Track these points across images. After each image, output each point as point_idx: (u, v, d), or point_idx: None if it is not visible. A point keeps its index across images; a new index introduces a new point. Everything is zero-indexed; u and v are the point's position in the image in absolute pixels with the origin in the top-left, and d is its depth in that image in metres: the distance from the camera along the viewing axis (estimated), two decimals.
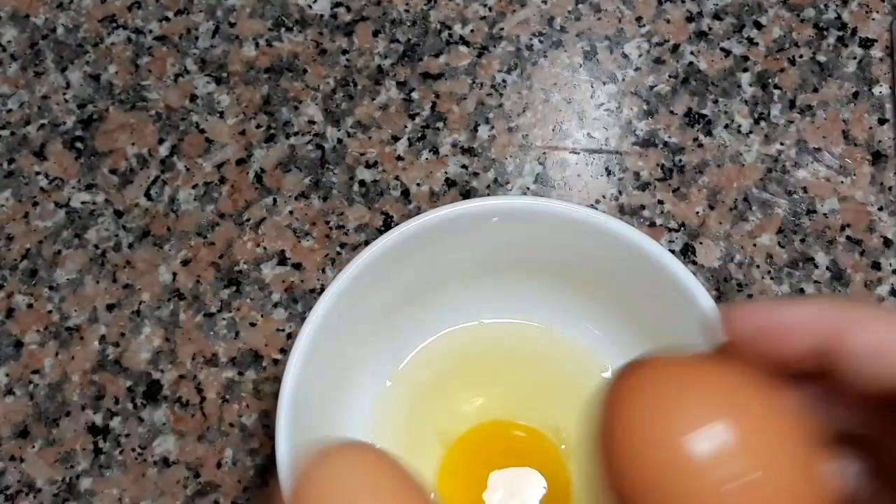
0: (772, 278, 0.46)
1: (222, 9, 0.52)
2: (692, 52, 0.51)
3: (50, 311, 0.46)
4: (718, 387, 0.16)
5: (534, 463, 0.40)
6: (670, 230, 0.47)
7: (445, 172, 0.48)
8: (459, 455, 0.40)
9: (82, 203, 0.48)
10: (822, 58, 0.51)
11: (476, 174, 0.48)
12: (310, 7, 0.52)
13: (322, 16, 0.52)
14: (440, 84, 0.50)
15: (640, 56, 0.51)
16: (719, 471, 0.15)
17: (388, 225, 0.47)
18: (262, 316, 0.46)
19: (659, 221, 0.47)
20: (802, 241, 0.47)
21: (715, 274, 0.46)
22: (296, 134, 0.49)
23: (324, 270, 0.47)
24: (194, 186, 0.48)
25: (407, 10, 0.52)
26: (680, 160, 0.49)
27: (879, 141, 0.49)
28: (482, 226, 0.38)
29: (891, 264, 0.46)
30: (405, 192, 0.48)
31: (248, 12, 0.52)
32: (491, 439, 0.41)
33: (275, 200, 0.48)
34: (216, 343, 0.45)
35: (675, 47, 0.51)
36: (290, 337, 0.45)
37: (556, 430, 0.40)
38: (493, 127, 0.49)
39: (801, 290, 0.46)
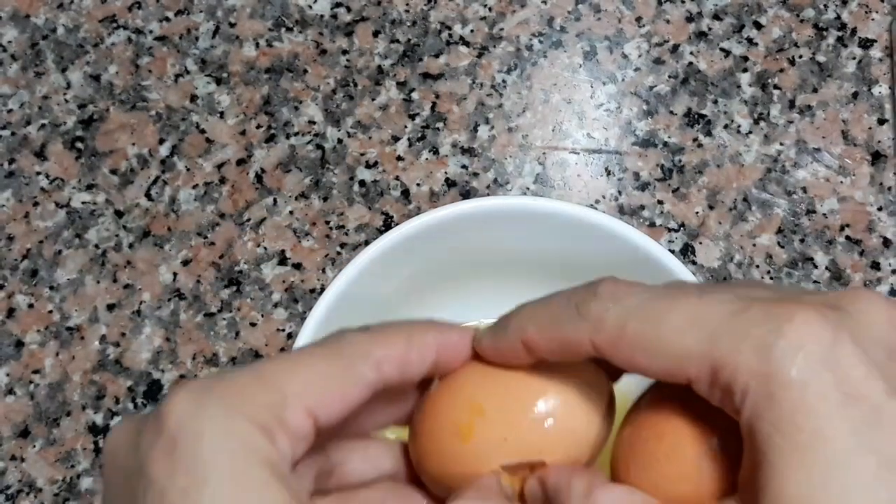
0: (771, 278, 0.46)
1: (222, 9, 0.52)
2: (692, 53, 0.51)
3: (50, 311, 0.46)
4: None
5: None
6: (670, 230, 0.47)
7: (445, 172, 0.49)
8: None
9: (83, 203, 0.48)
10: (821, 58, 0.51)
11: (476, 174, 0.49)
12: (310, 7, 0.52)
13: (322, 16, 0.52)
14: (440, 84, 0.51)
15: (639, 56, 0.51)
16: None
17: (388, 225, 0.47)
18: (262, 316, 0.46)
19: (659, 221, 0.47)
20: (802, 241, 0.47)
21: (715, 274, 0.46)
22: (296, 134, 0.49)
23: (324, 270, 0.47)
24: (194, 186, 0.48)
25: (407, 10, 0.52)
26: (680, 160, 0.49)
27: (879, 141, 0.49)
28: (482, 226, 0.38)
29: (890, 264, 0.46)
30: (405, 192, 0.48)
31: (248, 12, 0.52)
32: None
33: (275, 200, 0.48)
34: (216, 343, 0.45)
35: (675, 47, 0.51)
36: (290, 337, 0.45)
37: None
38: (493, 127, 0.50)
39: None
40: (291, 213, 0.48)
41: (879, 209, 0.47)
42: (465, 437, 0.24)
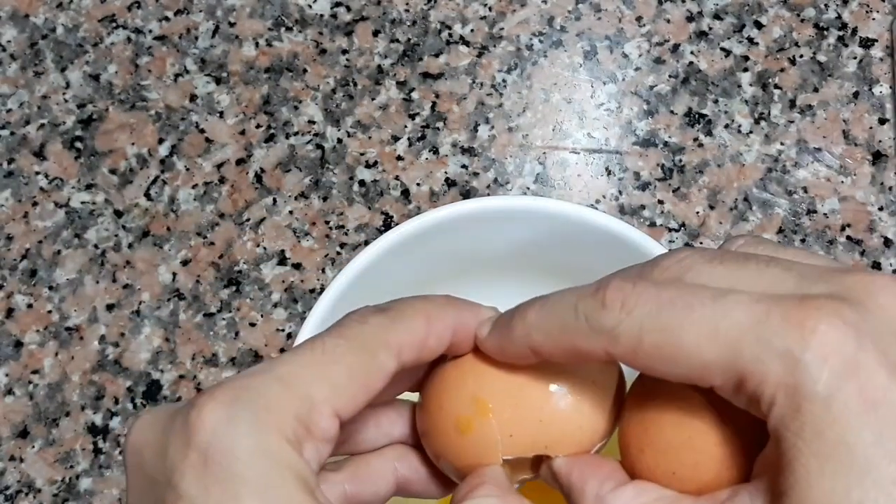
0: None
1: (222, 8, 0.52)
2: (692, 52, 0.51)
3: (50, 311, 0.46)
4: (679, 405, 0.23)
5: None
6: (670, 230, 0.47)
7: (445, 172, 0.48)
8: None
9: (82, 203, 0.48)
10: (822, 58, 0.51)
11: (476, 174, 0.48)
12: (310, 7, 0.52)
13: (322, 16, 0.52)
14: (440, 84, 0.50)
15: (640, 56, 0.51)
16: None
17: (388, 225, 0.47)
18: (261, 316, 0.46)
19: (659, 221, 0.47)
20: (803, 240, 0.47)
21: None
22: (296, 134, 0.49)
23: (324, 270, 0.47)
24: (194, 186, 0.48)
25: (407, 10, 0.52)
26: (680, 160, 0.49)
27: (880, 141, 0.49)
28: (482, 226, 0.38)
29: (891, 264, 0.46)
30: (405, 192, 0.48)
31: (248, 12, 0.52)
32: None
33: (275, 200, 0.48)
34: (216, 343, 0.45)
35: (676, 47, 0.51)
36: (290, 337, 0.45)
37: None
38: (493, 127, 0.49)
39: None
40: (291, 212, 0.48)
41: (880, 209, 0.47)
42: (464, 432, 0.24)
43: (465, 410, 0.24)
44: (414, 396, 0.26)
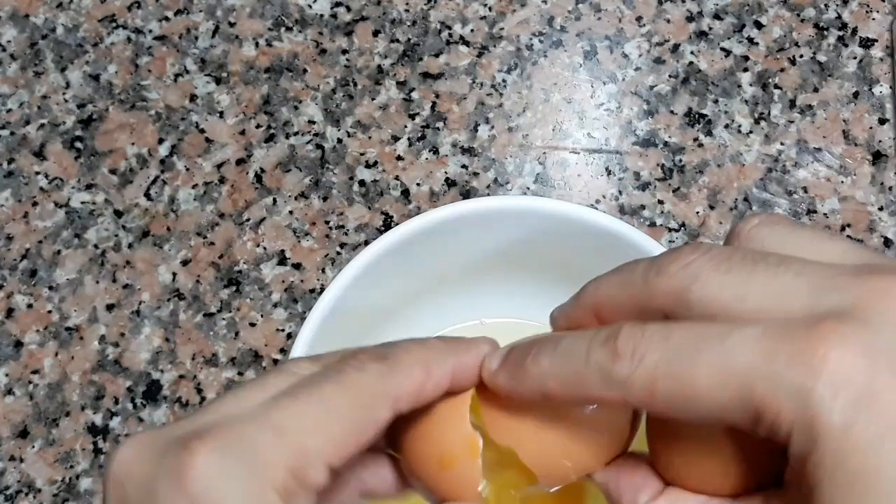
0: None
1: (222, 8, 0.52)
2: (692, 52, 0.51)
3: (50, 311, 0.46)
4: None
5: None
6: (670, 230, 0.47)
7: (445, 172, 0.48)
8: None
9: (82, 203, 0.48)
10: (822, 58, 0.51)
11: (476, 174, 0.48)
12: (310, 7, 0.52)
13: (322, 16, 0.52)
14: (440, 84, 0.50)
15: (640, 56, 0.51)
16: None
17: (388, 225, 0.47)
18: (261, 316, 0.46)
19: (659, 221, 0.47)
20: None
21: None
22: (296, 134, 0.49)
23: (324, 270, 0.47)
24: (194, 186, 0.48)
25: (407, 10, 0.52)
26: (680, 160, 0.49)
27: (880, 141, 0.49)
28: (482, 226, 0.38)
29: None
30: (405, 192, 0.48)
31: (248, 12, 0.52)
32: None
33: (275, 200, 0.48)
34: (216, 343, 0.45)
35: (676, 47, 0.51)
36: (290, 337, 0.45)
37: None
38: (493, 127, 0.49)
39: None
40: (291, 212, 0.48)
41: (880, 209, 0.47)
42: (447, 467, 0.24)
43: (453, 447, 0.24)
44: None
